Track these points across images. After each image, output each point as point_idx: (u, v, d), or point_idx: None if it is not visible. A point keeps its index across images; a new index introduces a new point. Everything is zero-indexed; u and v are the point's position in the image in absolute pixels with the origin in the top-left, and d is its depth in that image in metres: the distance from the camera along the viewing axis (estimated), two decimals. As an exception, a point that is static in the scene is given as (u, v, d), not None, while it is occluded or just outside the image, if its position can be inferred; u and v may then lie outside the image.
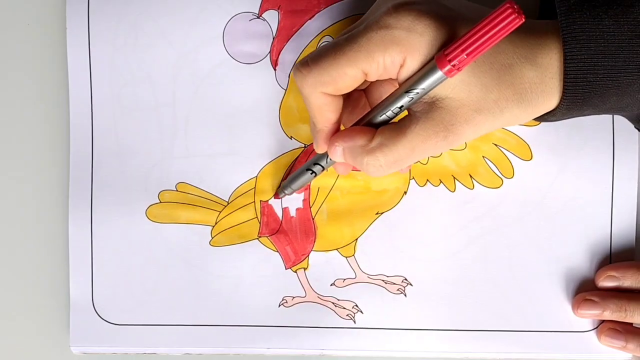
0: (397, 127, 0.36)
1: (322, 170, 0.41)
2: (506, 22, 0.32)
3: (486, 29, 0.32)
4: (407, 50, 0.34)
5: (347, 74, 0.35)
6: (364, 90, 0.41)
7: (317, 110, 0.37)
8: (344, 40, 0.35)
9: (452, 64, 0.33)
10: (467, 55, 0.33)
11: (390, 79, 0.37)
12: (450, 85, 0.35)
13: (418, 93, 0.35)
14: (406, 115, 0.37)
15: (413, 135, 0.36)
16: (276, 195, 0.45)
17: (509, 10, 0.32)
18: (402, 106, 0.36)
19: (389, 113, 0.37)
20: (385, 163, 0.36)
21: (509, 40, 0.35)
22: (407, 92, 0.35)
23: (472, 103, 0.35)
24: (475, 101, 0.35)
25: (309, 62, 0.36)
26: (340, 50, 0.35)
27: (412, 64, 0.35)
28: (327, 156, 0.40)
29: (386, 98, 0.37)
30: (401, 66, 0.35)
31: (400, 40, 0.34)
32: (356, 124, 0.38)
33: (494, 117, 0.36)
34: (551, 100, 0.36)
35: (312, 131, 0.40)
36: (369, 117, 0.37)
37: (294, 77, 0.37)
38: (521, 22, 0.32)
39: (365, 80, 0.37)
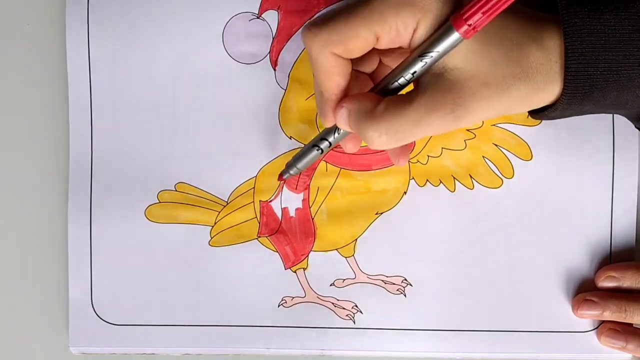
0: (403, 97, 0.35)
1: (330, 147, 0.40)
2: None
3: None
4: (421, 12, 0.34)
5: (358, 35, 0.34)
6: (371, 75, 0.40)
7: (326, 72, 0.36)
8: (357, 1, 0.34)
9: (468, 23, 0.33)
10: (483, 13, 0.32)
11: (400, 51, 0.36)
12: (461, 54, 0.34)
13: (432, 57, 0.34)
14: (413, 88, 0.36)
15: (419, 106, 0.34)
16: (280, 176, 0.43)
17: None
18: (415, 72, 0.35)
19: (401, 80, 0.35)
20: (387, 132, 0.35)
21: (517, 20, 0.35)
22: (421, 56, 0.34)
23: (480, 75, 0.34)
24: (484, 74, 0.34)
25: (320, 21, 0.35)
26: (353, 10, 0.34)
27: (426, 27, 0.34)
28: (334, 131, 0.39)
29: (399, 65, 0.36)
30: (414, 30, 0.34)
31: (414, 2, 0.33)
32: (371, 90, 0.37)
33: (502, 93, 0.35)
34: (554, 87, 0.35)
35: (318, 101, 0.38)
36: (382, 85, 0.36)
37: (303, 36, 0.36)
38: None
39: (372, 58, 0.35)
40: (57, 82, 0.46)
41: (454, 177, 0.45)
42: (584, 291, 0.45)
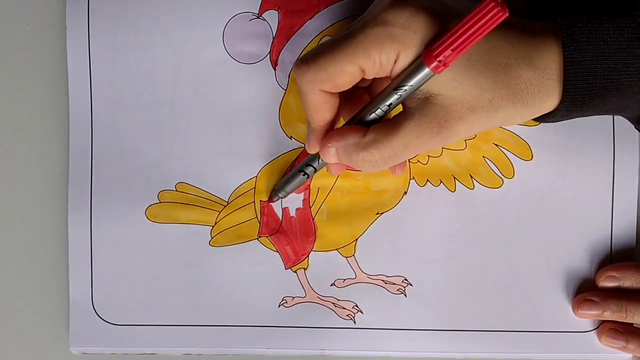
0: (391, 123, 0.36)
1: (315, 172, 0.42)
2: (490, 15, 0.32)
3: (470, 23, 0.32)
4: (401, 47, 0.34)
5: (345, 71, 0.35)
6: (367, 88, 0.41)
7: (314, 108, 0.38)
8: (341, 38, 0.35)
9: (438, 59, 0.33)
10: (452, 50, 0.33)
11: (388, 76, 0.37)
12: (443, 82, 0.35)
13: (406, 90, 0.35)
14: (400, 112, 0.37)
15: (407, 131, 0.36)
16: (270, 199, 0.45)
17: (492, 4, 0.32)
18: (390, 104, 0.36)
19: (378, 111, 0.37)
20: (380, 158, 0.37)
21: (506, 40, 0.35)
22: (396, 89, 0.35)
23: (466, 101, 0.35)
24: (470, 99, 0.35)
25: (308, 59, 0.36)
26: (338, 47, 0.35)
27: (405, 60, 0.35)
28: (319, 157, 0.40)
29: (376, 96, 0.37)
30: (395, 62, 0.35)
31: (395, 36, 0.34)
32: (347, 123, 0.38)
33: (488, 116, 0.36)
34: (548, 102, 0.36)
35: (308, 130, 0.40)
36: (360, 116, 0.38)
37: (294, 73, 0.37)
38: (505, 15, 0.32)
39: (364, 79, 0.37)
40: (57, 82, 0.46)
41: (455, 177, 0.45)
42: (585, 291, 0.45)
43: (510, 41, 0.35)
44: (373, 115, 0.37)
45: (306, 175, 0.42)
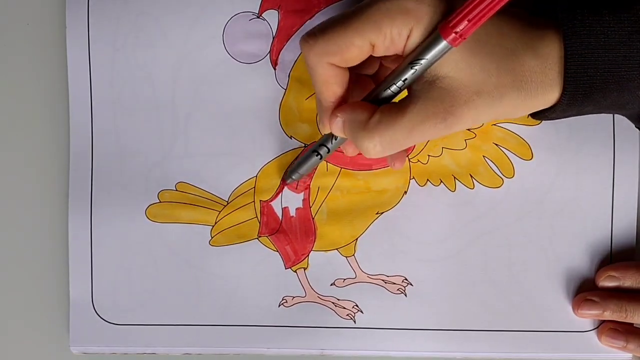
0: (396, 106, 0.36)
1: (328, 153, 0.41)
2: None
3: None
4: (415, 21, 0.34)
5: (354, 44, 0.35)
6: (372, 76, 0.41)
7: (323, 82, 0.37)
8: (352, 11, 0.35)
9: (454, 31, 0.33)
10: (469, 21, 0.33)
11: (397, 55, 0.36)
12: (452, 63, 0.34)
13: (422, 64, 0.34)
14: (406, 96, 0.36)
15: (412, 115, 0.35)
16: (283, 181, 0.45)
17: None
18: (406, 79, 0.35)
19: (393, 87, 0.36)
20: (381, 142, 0.36)
21: (512, 27, 0.35)
22: (412, 64, 0.35)
23: (472, 84, 0.35)
24: (476, 83, 0.35)
25: (317, 32, 0.35)
26: (348, 20, 0.35)
27: (419, 35, 0.34)
28: (332, 138, 0.40)
29: (390, 73, 0.36)
30: (408, 37, 0.34)
31: (408, 10, 0.34)
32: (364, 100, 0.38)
33: (494, 102, 0.35)
34: (550, 94, 0.36)
35: (318, 109, 0.39)
36: (374, 93, 0.37)
37: (301, 47, 0.36)
38: None
39: (373, 62, 0.36)
40: (57, 82, 0.46)
41: (455, 177, 0.45)
42: (585, 291, 0.45)
43: (517, 29, 0.35)
44: (387, 92, 0.36)
45: (319, 156, 0.41)
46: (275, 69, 0.45)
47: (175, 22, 0.45)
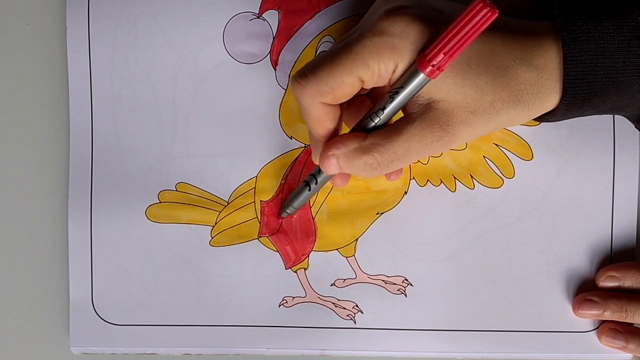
0: (392, 128, 0.36)
1: (317, 185, 0.41)
2: (479, 17, 0.32)
3: (460, 26, 0.33)
4: (399, 55, 0.35)
5: (344, 82, 0.35)
6: (368, 95, 0.41)
7: (316, 120, 0.38)
8: (339, 49, 0.36)
9: (431, 64, 0.33)
10: (444, 54, 0.33)
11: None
12: (444, 88, 0.35)
13: (402, 95, 0.35)
14: (402, 117, 0.37)
15: (409, 135, 0.36)
16: (278, 216, 0.45)
17: (481, 5, 0.32)
18: (384, 107, 0.36)
19: (376, 119, 0.37)
20: (382, 162, 0.36)
21: (504, 43, 0.35)
22: (392, 97, 0.36)
23: (467, 105, 0.35)
24: (471, 103, 0.35)
25: (307, 72, 0.36)
26: (337, 59, 0.35)
27: (403, 68, 0.35)
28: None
29: (374, 106, 0.37)
30: (393, 71, 0.35)
31: (393, 46, 0.34)
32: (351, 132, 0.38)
33: (490, 119, 0.36)
34: (548, 101, 0.36)
35: (310, 141, 0.40)
36: (361, 125, 0.38)
37: (292, 88, 0.37)
38: (495, 15, 0.32)
39: (364, 88, 0.36)
40: (57, 82, 0.46)
41: (455, 177, 0.45)
42: (585, 291, 0.45)
43: (508, 44, 0.35)
44: (372, 123, 0.37)
45: (309, 188, 0.41)
46: (275, 69, 0.45)
47: (175, 22, 0.45)
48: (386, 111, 0.36)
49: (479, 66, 0.35)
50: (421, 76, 0.34)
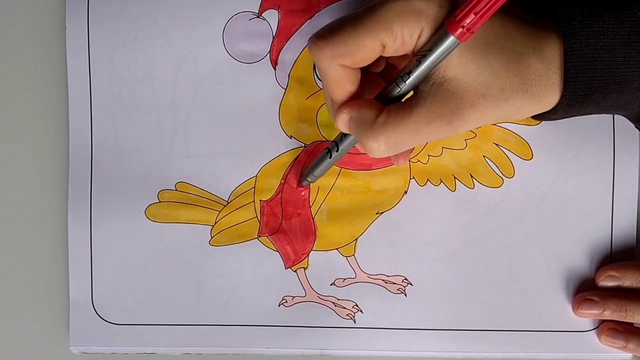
0: (403, 107, 0.36)
1: (338, 152, 0.40)
2: None
3: None
4: (425, 20, 0.34)
5: (365, 46, 0.34)
6: (380, 74, 0.40)
7: (335, 83, 0.36)
8: (362, 11, 0.34)
9: (461, 25, 0.32)
10: (475, 14, 0.32)
11: (406, 55, 0.36)
12: (461, 65, 0.34)
13: (430, 59, 0.34)
14: (413, 96, 0.36)
15: (418, 117, 0.35)
16: (298, 184, 0.45)
17: None
18: (411, 73, 0.35)
19: (402, 85, 0.35)
20: (386, 143, 0.35)
21: (518, 29, 0.35)
22: (419, 60, 0.34)
23: (479, 87, 0.35)
24: (483, 85, 0.35)
25: (326, 33, 0.35)
26: (359, 21, 0.34)
27: (429, 34, 0.34)
28: (344, 136, 0.39)
29: (400, 71, 0.36)
30: (418, 37, 0.34)
31: (419, 10, 0.33)
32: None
33: (498, 105, 0.35)
34: (552, 96, 0.36)
35: (329, 106, 0.39)
36: (384, 93, 0.36)
37: (310, 50, 0.36)
38: None
39: (379, 60, 0.35)
40: (56, 82, 0.46)
41: (455, 177, 0.45)
42: (585, 290, 0.45)
43: (523, 32, 0.35)
44: (396, 91, 0.36)
45: (330, 156, 0.40)
46: (275, 68, 0.45)
47: (175, 22, 0.45)
48: (412, 76, 0.35)
49: (496, 47, 0.34)
50: (451, 39, 0.33)
